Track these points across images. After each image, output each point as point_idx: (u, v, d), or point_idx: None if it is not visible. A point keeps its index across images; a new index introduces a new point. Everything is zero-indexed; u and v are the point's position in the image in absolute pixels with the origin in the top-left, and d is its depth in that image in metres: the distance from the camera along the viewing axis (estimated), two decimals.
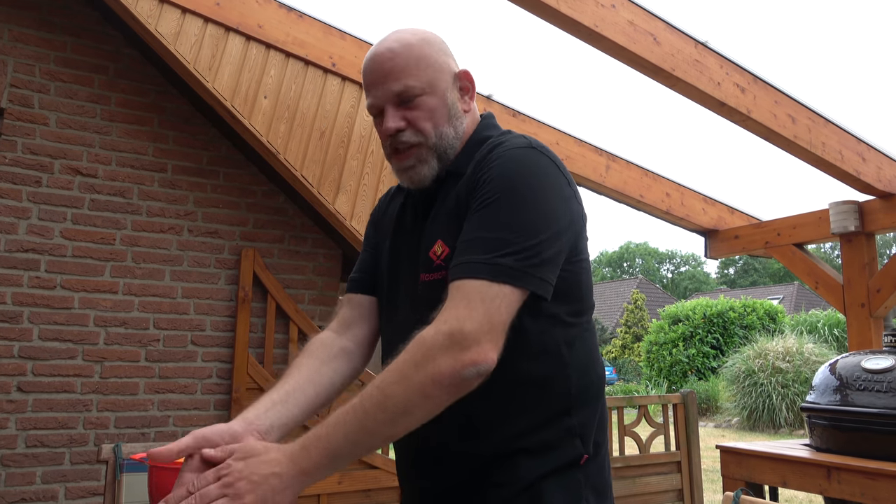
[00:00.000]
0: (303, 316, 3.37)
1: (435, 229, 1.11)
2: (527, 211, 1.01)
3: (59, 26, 3.07)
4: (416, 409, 0.91)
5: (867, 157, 3.39)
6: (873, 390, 2.34)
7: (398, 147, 1.14)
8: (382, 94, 1.14)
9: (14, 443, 2.78)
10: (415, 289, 1.12)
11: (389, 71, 1.14)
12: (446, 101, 1.16)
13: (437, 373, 0.90)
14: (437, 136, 1.14)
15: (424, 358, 0.90)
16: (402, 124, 1.13)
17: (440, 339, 0.91)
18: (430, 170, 1.14)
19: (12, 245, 2.87)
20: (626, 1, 2.66)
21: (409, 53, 1.15)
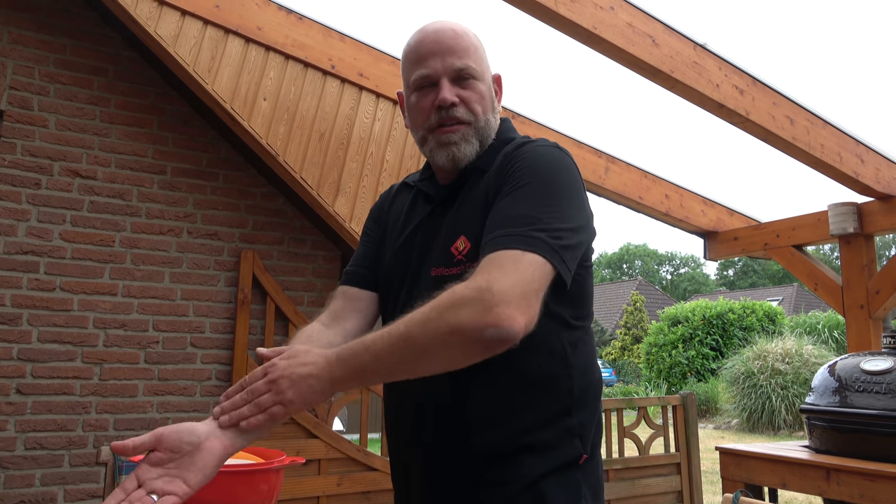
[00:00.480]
0: (302, 318, 3.36)
1: (458, 224, 1.12)
2: (557, 198, 1.03)
3: (59, 28, 3.07)
4: (435, 355, 0.92)
5: (866, 159, 3.40)
6: (872, 392, 2.34)
7: (446, 121, 1.15)
8: (442, 66, 1.15)
9: (13, 445, 2.78)
10: (427, 283, 1.12)
11: (453, 47, 1.16)
12: (491, 93, 1.21)
13: (458, 323, 0.89)
14: (484, 120, 1.18)
15: (449, 306, 0.90)
16: (456, 99, 1.15)
17: (468, 293, 0.90)
18: (471, 149, 1.16)
19: (11, 247, 2.87)
20: (624, 3, 2.66)
21: (470, 39, 1.19)
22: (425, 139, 1.19)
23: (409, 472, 1.17)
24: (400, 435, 1.19)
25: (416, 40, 1.20)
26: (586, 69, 15.94)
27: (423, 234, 1.19)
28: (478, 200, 1.12)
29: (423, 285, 1.13)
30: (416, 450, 1.14)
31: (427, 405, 1.11)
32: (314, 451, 3.20)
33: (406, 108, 1.24)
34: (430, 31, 1.19)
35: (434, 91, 1.16)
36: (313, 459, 3.20)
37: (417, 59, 1.18)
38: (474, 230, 1.08)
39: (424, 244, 1.18)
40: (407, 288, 1.18)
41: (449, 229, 1.14)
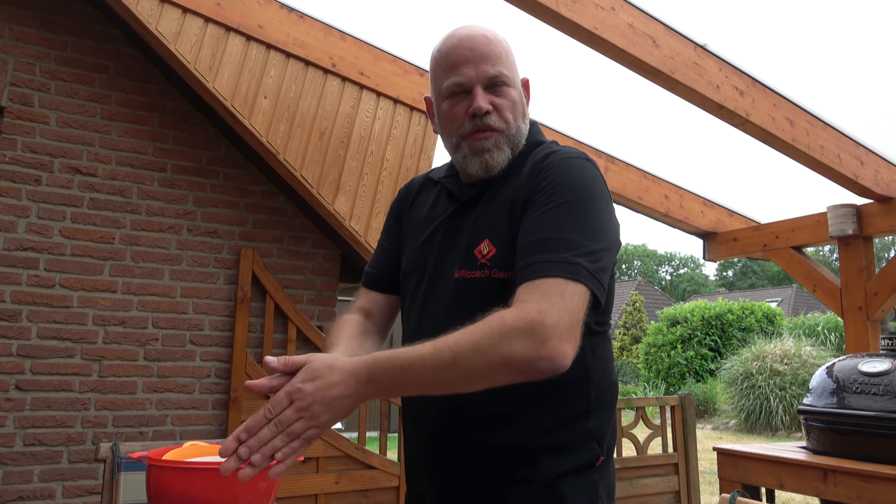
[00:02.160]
0: (301, 316, 3.37)
1: (482, 226, 1.13)
2: (592, 218, 1.04)
3: (60, 25, 3.07)
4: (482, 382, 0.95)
5: (865, 161, 3.40)
6: (870, 393, 2.35)
7: (480, 128, 1.15)
8: (476, 73, 1.15)
9: (12, 441, 2.78)
10: (448, 284, 1.13)
11: (487, 55, 1.15)
12: (522, 99, 1.21)
13: (510, 356, 0.91)
14: (516, 128, 1.18)
15: (501, 337, 0.92)
16: (490, 107, 1.15)
17: (521, 325, 0.92)
18: (503, 157, 1.16)
19: (11, 243, 2.88)
20: (625, 3, 2.66)
21: (502, 46, 1.18)
22: (458, 146, 1.19)
23: (427, 468, 1.17)
24: (418, 431, 1.20)
25: (449, 46, 1.18)
26: (586, 69, 16.03)
27: (444, 233, 1.20)
28: (503, 205, 1.13)
29: (445, 285, 1.14)
30: (435, 446, 1.15)
31: (447, 404, 1.11)
32: (313, 448, 3.21)
33: (437, 115, 1.24)
34: (464, 36, 1.18)
35: (468, 99, 1.16)
36: (312, 457, 3.20)
37: (450, 65, 1.17)
38: (499, 235, 1.10)
39: (446, 243, 1.18)
40: (427, 285, 1.19)
41: (472, 231, 1.14)
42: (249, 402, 3.18)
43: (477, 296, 1.08)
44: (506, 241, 1.08)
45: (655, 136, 3.88)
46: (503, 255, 1.08)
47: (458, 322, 1.03)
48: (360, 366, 0.95)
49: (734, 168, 4.05)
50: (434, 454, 1.16)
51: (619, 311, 30.44)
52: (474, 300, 1.06)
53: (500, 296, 1.04)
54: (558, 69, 3.38)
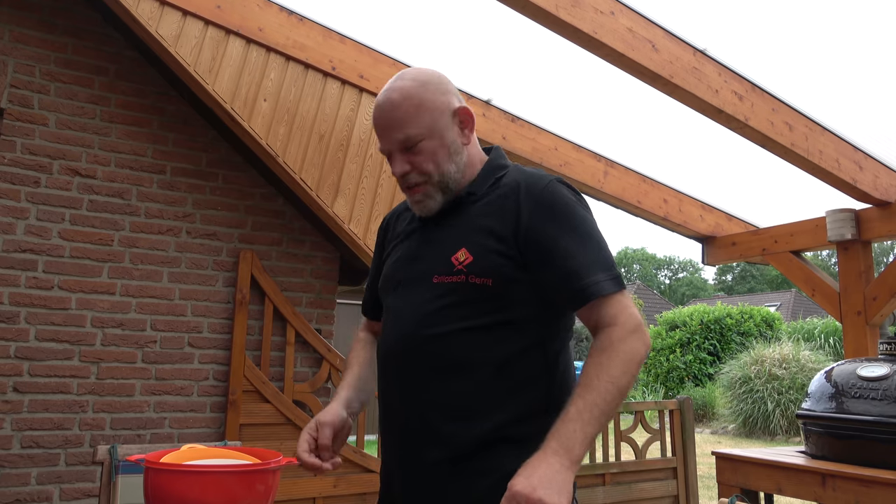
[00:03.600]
0: (300, 319, 3.36)
1: (458, 238, 1.26)
2: (596, 231, 1.25)
3: (60, 27, 3.07)
4: (629, 390, 1.15)
5: (864, 166, 3.41)
6: (869, 398, 2.35)
7: (407, 185, 1.30)
8: (388, 141, 1.28)
9: (9, 443, 2.77)
10: (428, 289, 1.26)
11: (392, 121, 1.26)
12: (446, 141, 1.29)
13: (641, 357, 1.15)
14: (440, 174, 1.28)
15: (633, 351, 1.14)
16: (406, 168, 1.28)
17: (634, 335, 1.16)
18: (435, 203, 1.30)
19: (10, 245, 2.87)
20: (625, 8, 2.67)
21: (409, 103, 1.26)
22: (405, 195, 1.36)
23: (395, 460, 1.31)
24: (389, 424, 1.33)
25: (372, 115, 1.34)
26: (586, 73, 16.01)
27: (418, 245, 1.34)
28: (479, 221, 1.26)
29: (425, 291, 1.27)
30: (404, 437, 1.27)
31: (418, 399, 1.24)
32: None
33: None
34: (376, 106, 1.31)
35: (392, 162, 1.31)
36: None
37: (376, 134, 1.33)
38: (475, 245, 1.24)
39: (422, 253, 1.32)
40: (405, 292, 1.32)
41: (448, 242, 1.27)
42: (248, 405, 3.17)
43: (455, 297, 1.22)
44: (482, 251, 1.22)
45: (654, 140, 3.89)
46: (479, 263, 1.22)
47: (438, 320, 1.22)
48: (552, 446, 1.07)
49: (733, 172, 4.05)
50: (406, 447, 1.27)
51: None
52: (452, 301, 1.22)
53: (474, 298, 1.22)
54: (558, 73, 3.39)
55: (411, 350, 1.25)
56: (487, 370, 1.21)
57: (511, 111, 3.69)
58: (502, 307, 1.22)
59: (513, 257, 1.22)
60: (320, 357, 3.40)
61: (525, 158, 3.70)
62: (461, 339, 1.22)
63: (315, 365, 3.43)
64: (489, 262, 1.22)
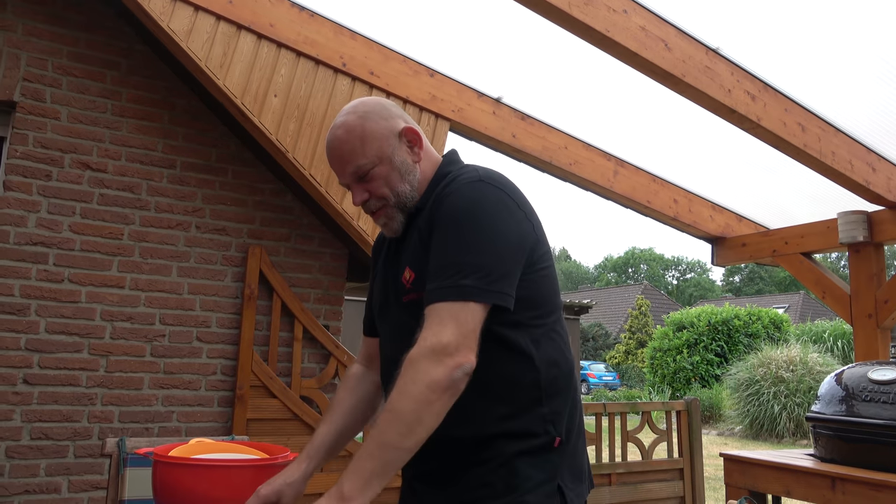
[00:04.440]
0: (308, 315, 3.37)
1: (405, 258, 1.31)
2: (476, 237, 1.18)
3: (73, 22, 3.08)
4: (425, 416, 1.08)
5: (877, 168, 3.38)
6: (879, 401, 2.33)
7: (370, 210, 1.35)
8: (343, 175, 1.34)
9: (19, 434, 2.79)
10: (399, 309, 1.31)
11: (342, 156, 1.32)
12: (395, 164, 1.32)
13: (432, 381, 1.08)
14: (395, 195, 1.32)
15: (417, 372, 1.08)
16: (365, 196, 1.33)
17: (426, 353, 1.09)
18: (398, 223, 1.34)
19: (21, 238, 2.89)
20: (637, 6, 2.65)
21: (353, 136, 1.31)
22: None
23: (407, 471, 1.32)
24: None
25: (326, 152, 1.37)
26: (597, 71, 15.84)
27: (387, 267, 1.40)
28: (416, 235, 1.29)
29: (397, 311, 1.32)
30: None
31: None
32: None
33: None
34: (327, 145, 1.35)
35: (351, 193, 1.35)
36: None
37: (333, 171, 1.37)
38: (416, 263, 1.26)
39: (390, 275, 1.37)
40: (385, 314, 1.38)
41: (402, 262, 1.32)
42: (255, 400, 3.18)
43: (417, 315, 1.20)
44: (420, 267, 1.24)
45: (665, 139, 3.87)
46: (420, 279, 1.23)
47: (407, 340, 1.17)
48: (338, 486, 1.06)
49: (744, 173, 4.03)
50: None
51: (625, 314, 30.27)
52: (417, 319, 1.19)
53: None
54: (569, 71, 3.37)
55: (395, 371, 1.23)
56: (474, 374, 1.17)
57: (521, 109, 3.68)
58: None
59: None
60: (328, 353, 3.41)
61: (535, 157, 3.68)
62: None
63: (322, 361, 3.44)
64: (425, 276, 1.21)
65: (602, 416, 4.02)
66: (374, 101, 1.38)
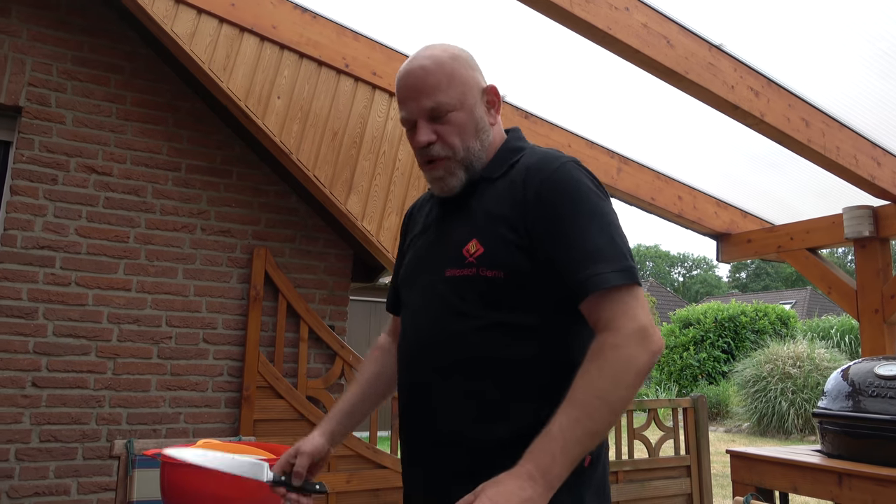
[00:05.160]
0: (313, 315, 3.38)
1: (469, 228, 1.19)
2: (609, 217, 1.14)
3: (77, 26, 3.10)
4: (627, 404, 1.02)
5: (882, 162, 3.36)
6: (886, 397, 2.32)
7: (429, 159, 1.23)
8: (416, 108, 1.22)
9: (28, 437, 2.81)
10: (440, 282, 1.20)
11: (422, 87, 1.21)
12: (474, 116, 1.24)
13: (640, 367, 1.02)
14: (465, 150, 1.22)
15: (630, 360, 1.02)
16: (433, 138, 1.21)
17: (634, 338, 1.03)
18: (457, 181, 1.23)
19: (28, 242, 2.91)
20: (639, 3, 2.65)
21: (441, 71, 1.21)
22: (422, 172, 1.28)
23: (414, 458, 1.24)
24: (406, 422, 1.27)
25: (397, 82, 1.27)
26: (600, 69, 15.73)
27: (435, 236, 1.28)
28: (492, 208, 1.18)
29: (437, 284, 1.21)
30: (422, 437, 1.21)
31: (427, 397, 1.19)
32: None
33: None
34: (404, 72, 1.25)
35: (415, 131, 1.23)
36: None
37: (399, 102, 1.26)
38: (486, 236, 1.16)
39: (436, 245, 1.26)
40: (421, 286, 1.26)
41: (460, 232, 1.20)
42: (261, 401, 3.20)
43: (465, 293, 1.15)
44: (493, 242, 1.15)
45: (669, 136, 3.86)
46: (490, 254, 1.14)
47: (449, 319, 1.15)
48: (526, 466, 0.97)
49: (748, 169, 4.01)
50: (423, 446, 1.21)
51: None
52: (463, 297, 1.15)
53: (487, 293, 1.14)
54: (571, 70, 3.37)
55: (425, 349, 1.20)
56: (504, 370, 1.13)
57: (524, 108, 3.68)
58: (517, 302, 1.14)
59: (525, 248, 1.13)
60: (333, 353, 3.42)
61: None
62: (475, 338, 1.14)
63: (328, 361, 3.45)
64: (500, 252, 1.14)
65: None
66: (462, 49, 1.28)
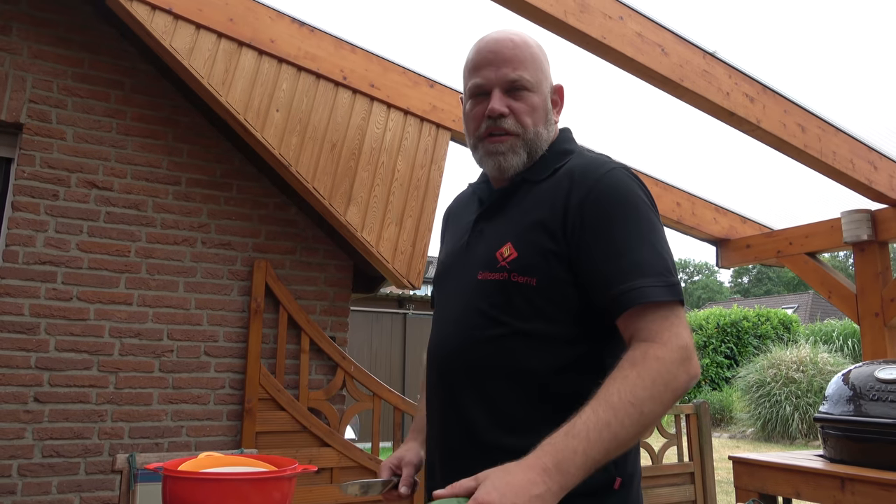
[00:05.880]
0: (314, 327, 3.39)
1: (505, 231, 1.15)
2: (658, 230, 1.09)
3: (77, 43, 3.13)
4: (656, 421, 1.00)
5: (879, 166, 3.38)
6: (887, 401, 2.32)
7: (495, 131, 1.18)
8: (495, 76, 1.18)
9: (31, 452, 2.82)
10: (471, 284, 1.16)
11: (509, 58, 1.18)
12: (546, 104, 1.22)
13: (678, 387, 0.97)
14: (534, 131, 1.19)
15: (670, 376, 0.97)
16: (505, 109, 1.17)
17: (676, 356, 0.98)
18: (519, 160, 1.19)
19: (30, 257, 2.92)
20: (633, 12, 2.67)
21: (529, 50, 1.21)
22: (476, 147, 1.23)
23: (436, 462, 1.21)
24: (432, 426, 1.23)
25: (476, 50, 1.23)
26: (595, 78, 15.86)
27: (472, 236, 1.23)
28: (531, 212, 1.14)
29: (468, 286, 1.17)
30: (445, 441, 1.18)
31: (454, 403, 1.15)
32: (327, 459, 3.22)
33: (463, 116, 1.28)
34: (490, 40, 1.22)
35: (486, 100, 1.19)
36: (326, 468, 3.21)
37: (474, 67, 1.22)
38: (522, 240, 1.11)
39: (472, 246, 1.22)
40: (453, 286, 1.23)
41: (496, 234, 1.17)
42: (263, 413, 3.20)
43: (494, 298, 1.10)
44: (528, 247, 1.10)
45: (666, 143, 3.88)
46: (524, 260, 1.09)
47: (476, 324, 1.10)
48: (540, 460, 0.89)
49: (746, 174, 4.03)
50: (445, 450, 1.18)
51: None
52: (492, 302, 1.10)
53: (516, 299, 1.09)
54: (567, 78, 3.38)
55: (452, 353, 1.16)
56: (532, 381, 1.08)
57: None
58: (549, 311, 1.08)
59: (562, 255, 1.08)
60: (335, 364, 3.42)
61: None
62: (502, 345, 1.09)
63: (330, 372, 3.45)
64: (535, 259, 1.09)
65: None
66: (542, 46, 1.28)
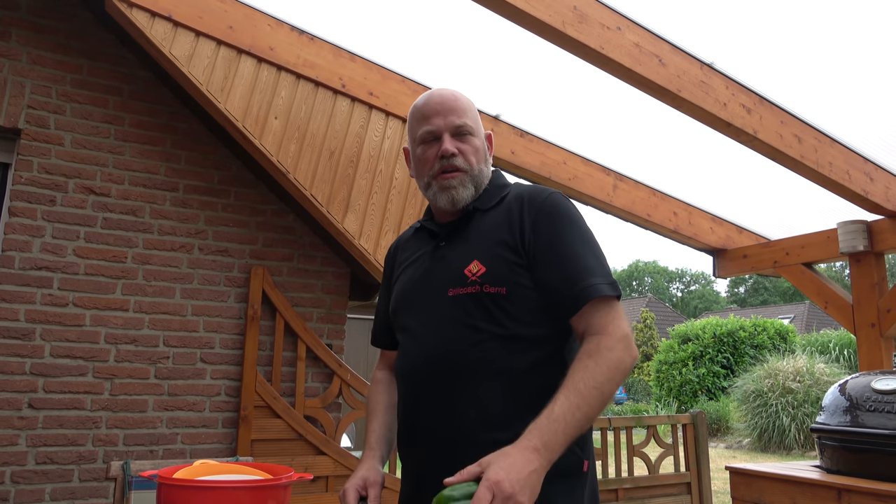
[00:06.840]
0: (311, 334, 3.38)
1: (468, 251, 1.34)
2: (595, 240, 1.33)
3: (76, 49, 3.13)
4: (612, 398, 1.20)
5: (875, 177, 3.39)
6: (884, 411, 2.32)
7: (447, 168, 1.37)
8: (444, 123, 1.38)
9: (24, 459, 2.80)
10: (444, 302, 1.32)
11: (454, 108, 1.39)
12: (484, 146, 1.44)
13: (626, 368, 1.19)
14: (478, 170, 1.40)
15: (619, 361, 1.18)
16: (456, 150, 1.37)
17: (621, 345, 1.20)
18: (468, 193, 1.39)
19: (26, 263, 2.92)
20: (631, 23, 2.69)
21: (467, 102, 1.43)
22: (429, 185, 1.41)
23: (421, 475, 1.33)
24: (415, 441, 1.34)
25: (423, 102, 1.42)
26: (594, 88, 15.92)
27: (431, 263, 1.40)
28: (490, 232, 1.34)
29: (440, 305, 1.33)
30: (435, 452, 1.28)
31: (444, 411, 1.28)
32: (322, 467, 3.20)
33: (412, 160, 1.46)
34: (435, 94, 1.42)
35: (437, 144, 1.38)
36: (321, 476, 3.19)
37: (423, 117, 1.41)
38: (488, 256, 1.30)
39: (434, 271, 1.38)
40: (420, 309, 1.37)
41: (460, 256, 1.34)
42: (259, 421, 3.18)
43: (470, 308, 1.28)
44: (495, 261, 1.29)
45: (663, 153, 3.89)
46: (493, 273, 1.28)
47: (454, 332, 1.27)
48: (531, 440, 1.08)
49: (743, 185, 4.05)
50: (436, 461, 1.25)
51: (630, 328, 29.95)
52: (468, 312, 1.27)
53: (491, 307, 1.27)
54: (566, 88, 3.41)
55: (435, 365, 1.29)
56: (510, 379, 1.24)
57: (520, 126, 3.71)
58: (519, 316, 1.27)
59: (524, 266, 1.28)
60: (331, 372, 3.41)
61: (534, 173, 3.71)
62: (480, 349, 1.26)
63: (326, 380, 3.44)
64: (502, 271, 1.28)
65: (608, 431, 4.00)
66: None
